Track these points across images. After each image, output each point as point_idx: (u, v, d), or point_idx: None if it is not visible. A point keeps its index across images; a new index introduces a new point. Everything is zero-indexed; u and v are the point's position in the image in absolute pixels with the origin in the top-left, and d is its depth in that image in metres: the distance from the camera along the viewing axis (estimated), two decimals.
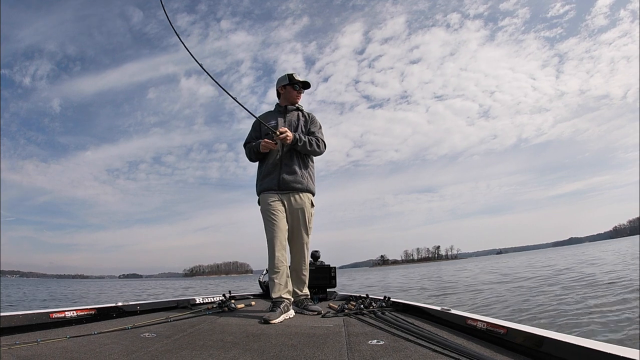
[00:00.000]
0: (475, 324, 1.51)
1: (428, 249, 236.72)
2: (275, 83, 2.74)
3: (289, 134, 2.42)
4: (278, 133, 2.39)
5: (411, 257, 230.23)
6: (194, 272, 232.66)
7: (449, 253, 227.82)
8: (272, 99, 2.80)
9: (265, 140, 2.47)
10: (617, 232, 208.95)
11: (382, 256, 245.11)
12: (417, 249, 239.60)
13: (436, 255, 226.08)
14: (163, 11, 2.36)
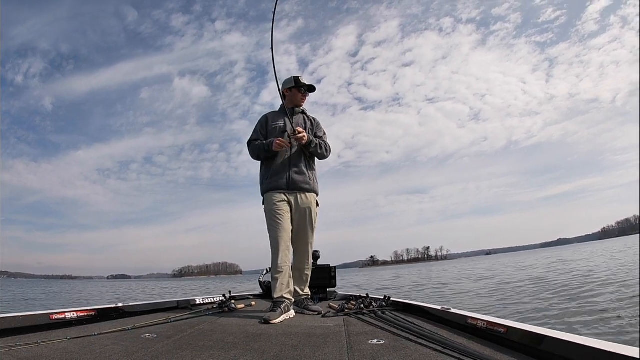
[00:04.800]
0: (475, 323, 1.51)
1: (418, 249, 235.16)
2: (282, 85, 2.71)
3: (306, 135, 2.45)
4: (296, 132, 2.41)
5: (401, 258, 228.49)
6: (182, 273, 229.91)
7: (439, 254, 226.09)
8: (265, 100, 2.95)
9: (280, 139, 2.44)
10: (606, 234, 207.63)
11: (372, 257, 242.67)
12: (407, 249, 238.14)
13: (426, 256, 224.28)
14: None
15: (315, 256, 3.55)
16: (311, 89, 2.71)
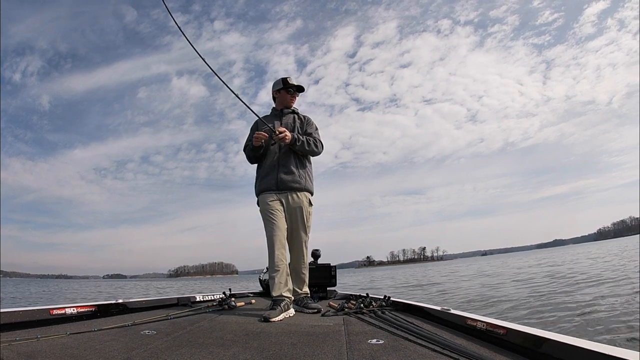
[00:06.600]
0: (475, 324, 1.51)
1: (414, 250, 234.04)
2: (271, 87, 2.78)
3: (288, 133, 2.45)
4: (277, 132, 2.42)
5: (397, 258, 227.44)
6: (178, 273, 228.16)
7: (435, 254, 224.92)
8: (263, 100, 2.96)
9: (258, 132, 2.49)
10: (601, 235, 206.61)
11: (368, 257, 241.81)
12: (403, 250, 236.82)
13: (422, 257, 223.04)
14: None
15: (316, 255, 3.55)
16: (300, 89, 2.74)
